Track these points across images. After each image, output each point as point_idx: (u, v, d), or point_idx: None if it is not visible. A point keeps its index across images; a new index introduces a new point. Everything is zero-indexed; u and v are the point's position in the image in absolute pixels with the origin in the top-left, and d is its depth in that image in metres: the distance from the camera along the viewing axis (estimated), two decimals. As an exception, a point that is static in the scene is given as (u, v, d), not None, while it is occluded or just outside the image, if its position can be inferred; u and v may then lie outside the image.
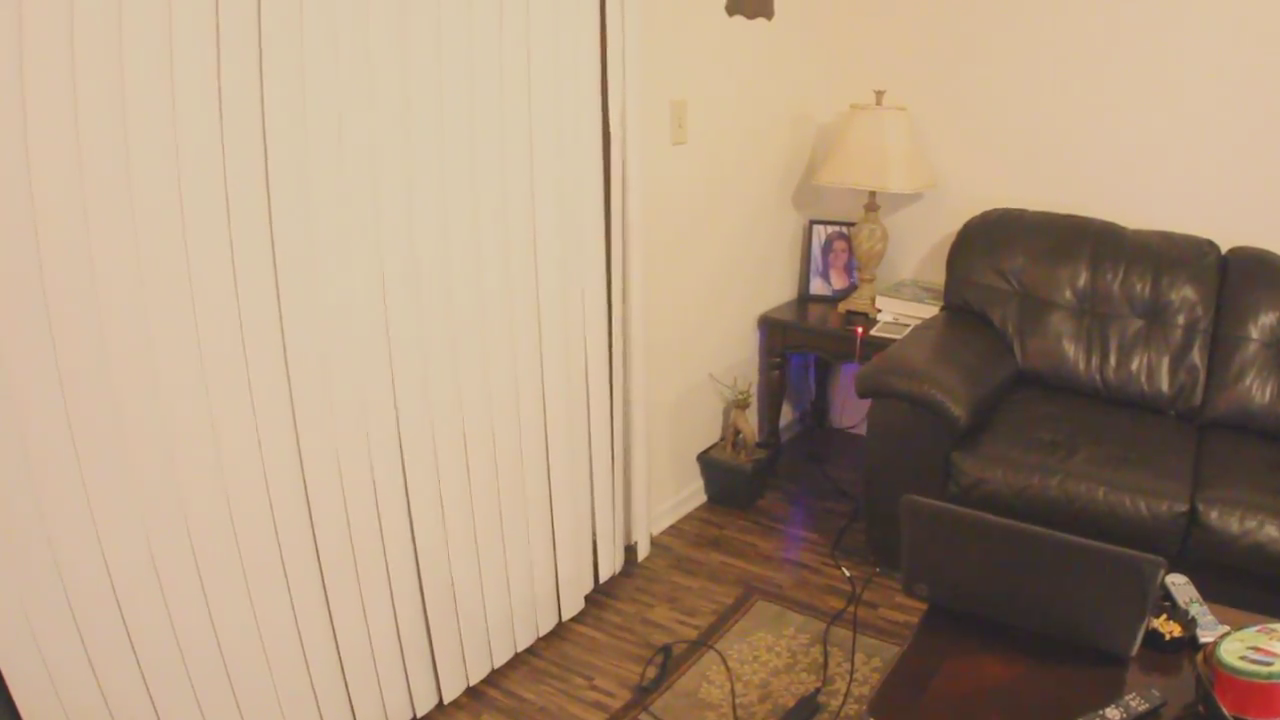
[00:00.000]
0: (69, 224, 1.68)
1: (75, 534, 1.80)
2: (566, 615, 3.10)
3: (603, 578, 3.32)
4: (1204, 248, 3.36)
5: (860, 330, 3.77)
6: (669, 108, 3.27)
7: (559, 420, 2.88)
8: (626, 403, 3.21)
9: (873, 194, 3.95)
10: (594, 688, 2.84)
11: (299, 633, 2.28)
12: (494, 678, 2.87)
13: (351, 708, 2.48)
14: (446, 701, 2.72)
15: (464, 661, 2.75)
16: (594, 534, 3.23)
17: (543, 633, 3.04)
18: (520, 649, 2.96)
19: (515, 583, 2.86)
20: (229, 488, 2.05)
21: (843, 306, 4.07)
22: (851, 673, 2.86)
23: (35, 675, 1.79)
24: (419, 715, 2.67)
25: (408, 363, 2.36)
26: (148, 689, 1.98)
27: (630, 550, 3.48)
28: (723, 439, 4.00)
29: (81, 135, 1.67)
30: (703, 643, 3.02)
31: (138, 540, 1.90)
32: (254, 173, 1.96)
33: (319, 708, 2.38)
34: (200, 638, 2.06)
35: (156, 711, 2.01)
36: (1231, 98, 3.37)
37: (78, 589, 1.82)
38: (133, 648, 1.94)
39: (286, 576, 2.22)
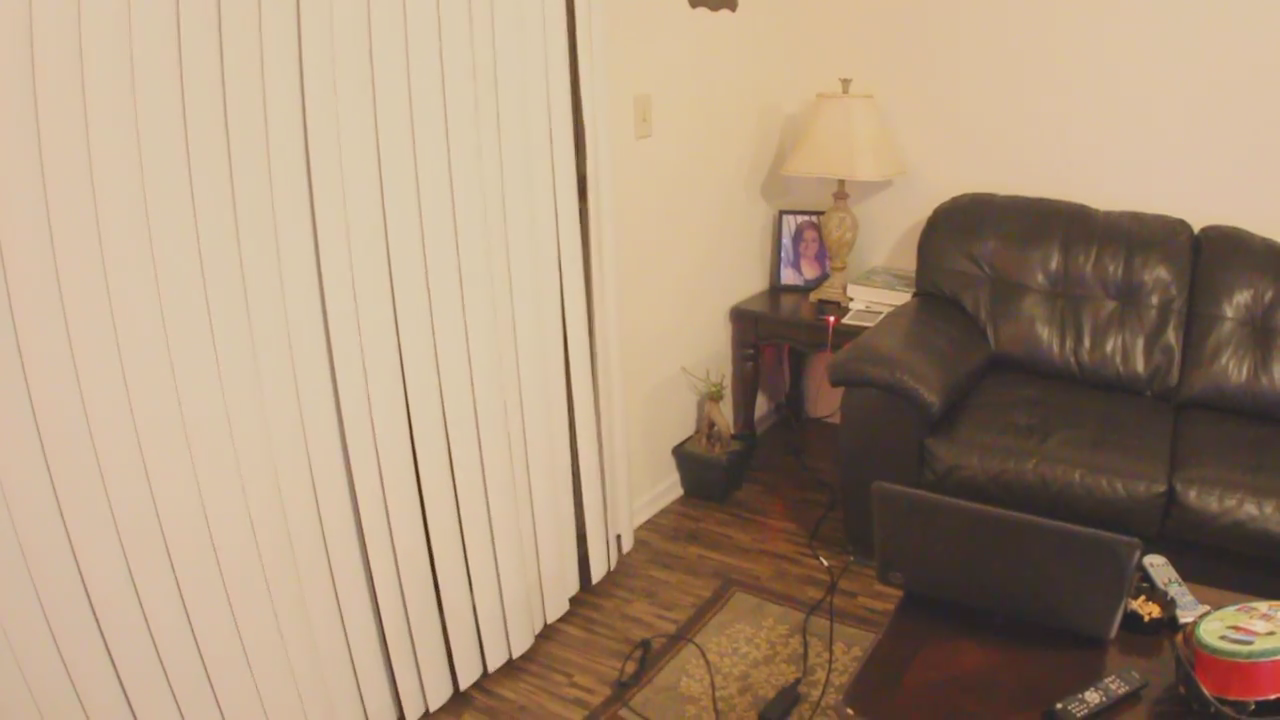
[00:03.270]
0: (33, 233, 1.65)
1: (48, 546, 1.77)
2: (551, 618, 3.09)
3: (594, 578, 3.29)
4: (1176, 227, 3.36)
5: (832, 319, 3.76)
6: (632, 102, 3.23)
7: (538, 425, 2.86)
8: (609, 399, 3.18)
9: (841, 183, 3.93)
10: (573, 684, 2.81)
11: (281, 637, 2.25)
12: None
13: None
14: (433, 708, 2.69)
15: (451, 667, 2.73)
16: (582, 533, 3.22)
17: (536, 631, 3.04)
18: (515, 656, 2.92)
19: (506, 584, 2.83)
20: (204, 493, 2.01)
21: (814, 296, 4.05)
22: (831, 662, 2.84)
23: (16, 692, 1.76)
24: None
25: (383, 365, 2.33)
26: (128, 700, 1.95)
27: (616, 542, 3.45)
28: (697, 432, 3.97)
29: (43, 137, 1.63)
30: (682, 636, 3.00)
31: (112, 548, 1.86)
32: (219, 173, 1.92)
33: (305, 714, 2.35)
34: (179, 645, 2.02)
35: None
36: (1198, 77, 3.36)
37: (52, 602, 1.79)
38: (112, 660, 1.90)
39: (267, 581, 2.18)
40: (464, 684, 2.76)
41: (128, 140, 1.75)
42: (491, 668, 2.83)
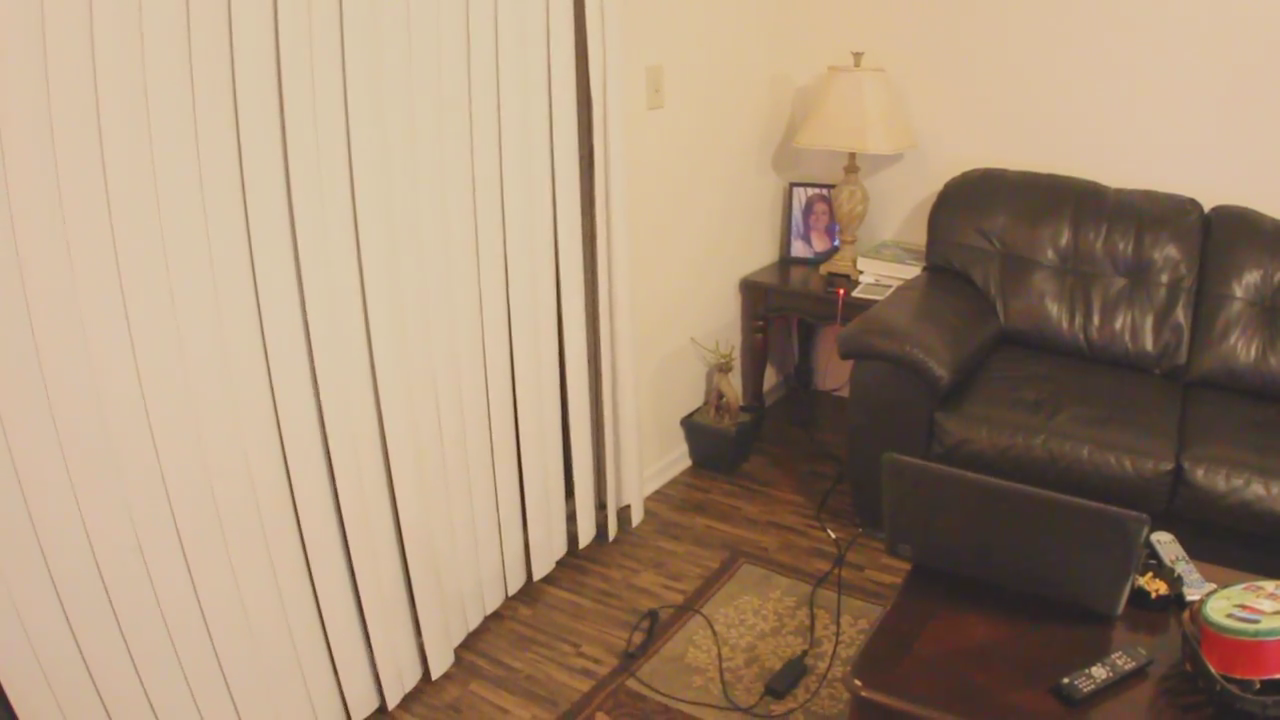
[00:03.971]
0: (46, 218, 1.66)
1: (60, 519, 1.78)
2: (537, 577, 3.15)
3: (581, 543, 3.32)
4: (1186, 206, 3.35)
5: (842, 292, 3.76)
6: (645, 73, 3.22)
7: (527, 389, 2.88)
8: (615, 368, 3.19)
9: (852, 155, 3.92)
10: (581, 654, 2.83)
11: (285, 612, 2.27)
12: (480, 645, 2.86)
13: (340, 688, 2.48)
14: (435, 674, 2.72)
15: (446, 626, 2.75)
16: (572, 499, 3.26)
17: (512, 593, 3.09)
18: (489, 611, 2.98)
19: (485, 546, 2.88)
20: (208, 459, 2.02)
21: (824, 269, 4.05)
22: (838, 635, 2.86)
23: (27, 667, 1.77)
24: (408, 688, 2.67)
25: (383, 329, 2.34)
26: (136, 670, 1.97)
27: (624, 513, 3.48)
28: (706, 403, 3.98)
29: (56, 134, 1.64)
30: (689, 607, 3.02)
31: (119, 514, 1.88)
32: (228, 162, 1.93)
33: (307, 689, 2.37)
34: (186, 616, 2.05)
35: (146, 693, 2.00)
36: (1212, 56, 3.34)
37: (64, 577, 1.81)
38: (119, 626, 1.92)
39: (269, 551, 2.20)
40: (454, 642, 2.80)
41: (135, 95, 1.76)
42: (471, 626, 2.90)
